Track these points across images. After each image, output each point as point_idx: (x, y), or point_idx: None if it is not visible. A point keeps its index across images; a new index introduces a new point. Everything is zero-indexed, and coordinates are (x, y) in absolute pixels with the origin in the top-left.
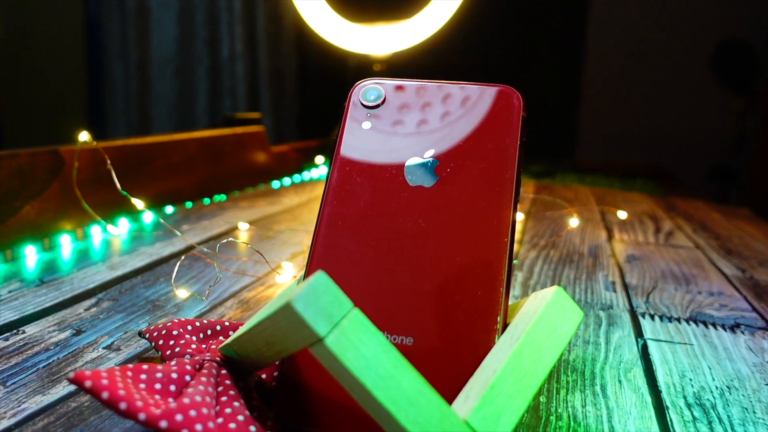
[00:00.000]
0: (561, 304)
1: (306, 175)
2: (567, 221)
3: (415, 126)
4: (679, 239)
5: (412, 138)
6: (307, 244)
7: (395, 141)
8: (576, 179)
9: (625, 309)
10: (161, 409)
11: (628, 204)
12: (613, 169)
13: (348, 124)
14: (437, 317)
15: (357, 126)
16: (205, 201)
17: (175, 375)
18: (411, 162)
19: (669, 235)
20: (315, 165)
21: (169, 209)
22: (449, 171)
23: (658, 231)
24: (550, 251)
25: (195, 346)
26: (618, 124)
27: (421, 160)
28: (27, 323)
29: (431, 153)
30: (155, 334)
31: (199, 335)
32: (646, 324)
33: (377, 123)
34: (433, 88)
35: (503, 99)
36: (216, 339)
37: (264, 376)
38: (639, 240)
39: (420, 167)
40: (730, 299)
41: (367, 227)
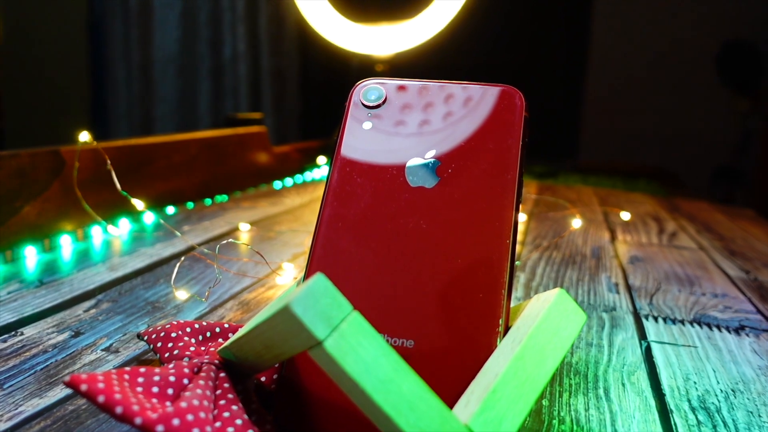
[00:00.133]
0: (564, 306)
1: (308, 176)
2: (570, 222)
3: (417, 126)
4: (683, 240)
5: (413, 138)
6: (308, 245)
7: (396, 141)
8: (579, 180)
9: (629, 311)
10: (158, 414)
11: (631, 205)
12: (616, 170)
13: (348, 124)
14: (438, 320)
15: (358, 126)
16: (207, 201)
17: (173, 378)
18: (412, 163)
19: (672, 236)
20: (317, 165)
21: (171, 210)
22: (450, 172)
23: (661, 232)
24: (552, 252)
25: (194, 348)
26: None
27: (423, 160)
28: (25, 325)
29: (432, 153)
30: (153, 336)
31: (198, 337)
32: (649, 326)
33: (378, 123)
34: (436, 88)
35: (505, 99)
36: (215, 341)
37: (263, 378)
38: (642, 241)
39: (421, 168)
40: (734, 301)
41: (368, 229)
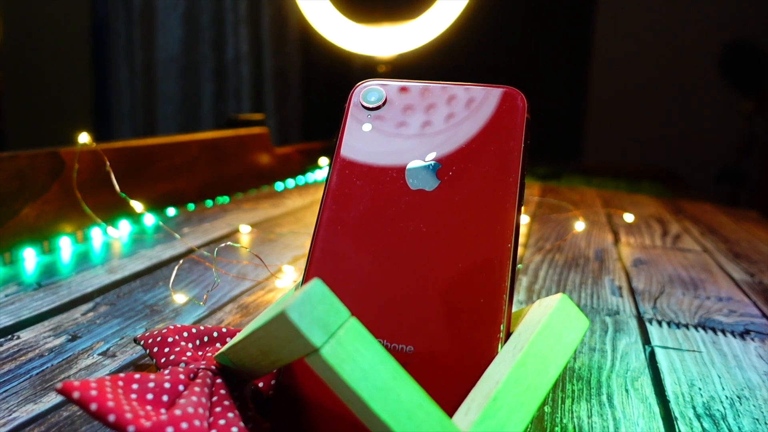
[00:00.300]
0: (566, 312)
1: (310, 177)
2: (573, 224)
3: (419, 127)
4: (687, 243)
5: (413, 140)
6: (308, 247)
7: (396, 143)
8: (582, 181)
9: (632, 315)
10: (151, 422)
11: (634, 206)
12: (620, 171)
13: (348, 125)
14: (438, 325)
15: (357, 128)
16: (208, 203)
17: (168, 385)
18: (412, 165)
19: (676, 239)
20: (319, 167)
21: (171, 211)
22: (451, 174)
23: (665, 234)
24: (555, 255)
25: (190, 353)
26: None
27: (423, 163)
28: (22, 328)
29: (433, 156)
30: (150, 341)
31: (195, 342)
32: (653, 330)
33: (380, 124)
34: (438, 89)
35: (507, 101)
36: (213, 346)
37: (261, 384)
38: (646, 243)
39: (421, 170)
40: (739, 305)
41: (367, 232)
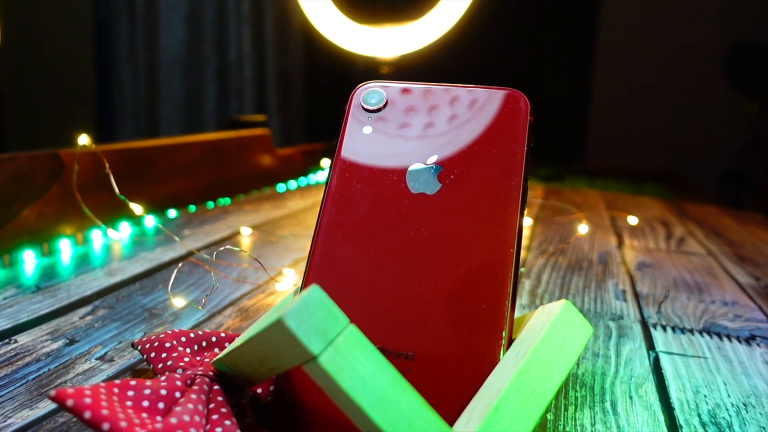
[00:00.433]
0: (569, 318)
1: (312, 178)
2: (576, 226)
3: (421, 129)
4: (691, 246)
5: (415, 142)
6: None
7: (397, 146)
8: (585, 183)
9: (636, 319)
10: (146, 430)
11: (638, 209)
12: (624, 173)
13: (348, 128)
14: (439, 331)
15: (358, 130)
16: (209, 205)
17: (164, 392)
18: (413, 168)
19: (681, 242)
20: (321, 168)
21: (173, 213)
22: (453, 178)
23: (669, 237)
24: (558, 258)
25: (188, 359)
26: (628, 126)
27: (424, 166)
28: (20, 332)
29: (434, 159)
30: (147, 346)
31: (193, 347)
32: (657, 335)
33: (381, 126)
34: (440, 90)
35: (510, 103)
36: (211, 351)
37: (259, 390)
38: (650, 246)
39: (422, 174)
40: (744, 309)
41: (367, 237)
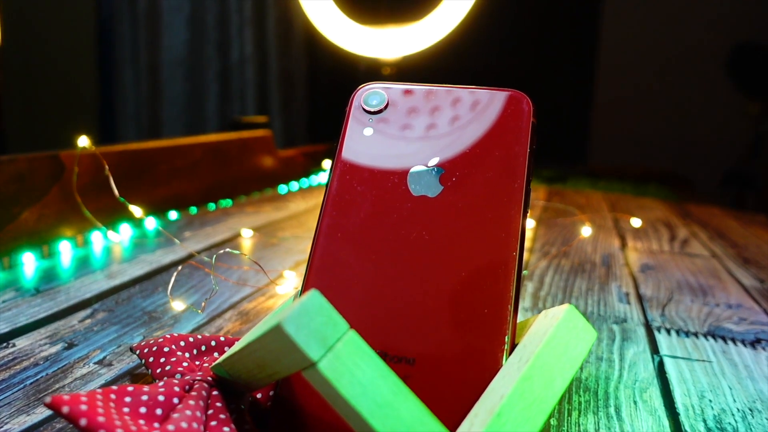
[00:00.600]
0: (573, 323)
1: (314, 180)
2: (579, 228)
3: (423, 130)
4: (695, 247)
5: (416, 144)
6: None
7: (398, 148)
8: (588, 184)
9: (640, 323)
10: None
11: (641, 210)
12: (626, 174)
13: (349, 130)
14: (441, 336)
15: (358, 132)
16: (211, 206)
17: (162, 397)
18: (414, 170)
19: (684, 243)
20: (323, 169)
21: (174, 215)
22: (455, 180)
23: (672, 239)
24: (561, 260)
25: (187, 363)
26: (631, 127)
27: (425, 168)
28: (18, 336)
29: (436, 161)
30: (146, 350)
31: (192, 351)
32: (661, 339)
33: (382, 127)
34: (442, 92)
35: (512, 104)
36: (210, 355)
37: (259, 396)
38: (653, 248)
39: (424, 176)
40: (749, 312)
41: (368, 240)
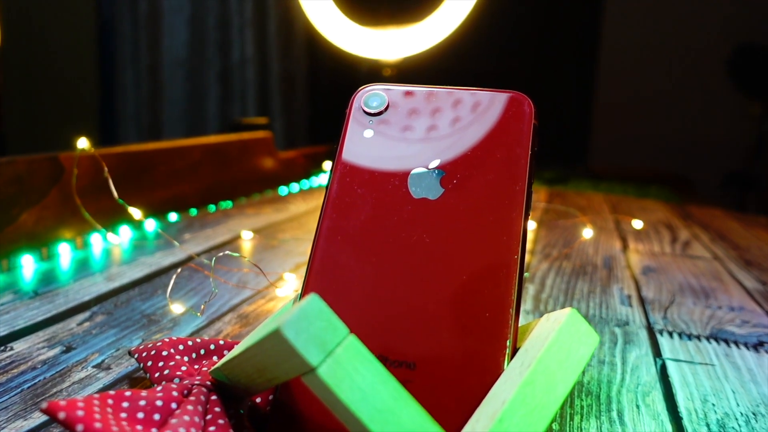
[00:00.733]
0: (575, 327)
1: (314, 181)
2: (580, 230)
3: (424, 131)
4: (697, 249)
5: (416, 146)
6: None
7: (399, 150)
8: (589, 186)
9: (642, 325)
10: None
11: (643, 212)
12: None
13: (349, 131)
14: (442, 340)
15: (359, 134)
16: (211, 208)
17: (160, 402)
18: (415, 173)
19: (686, 245)
20: (323, 170)
21: (174, 217)
22: (456, 182)
23: (674, 241)
24: (562, 263)
25: (185, 368)
26: (632, 129)
27: (426, 170)
28: (16, 339)
29: (437, 163)
30: (144, 354)
31: (191, 355)
32: (664, 342)
33: (383, 129)
34: (443, 93)
35: (514, 106)
36: (209, 359)
37: (258, 400)
38: (655, 250)
39: (425, 178)
40: (751, 315)
41: (368, 243)
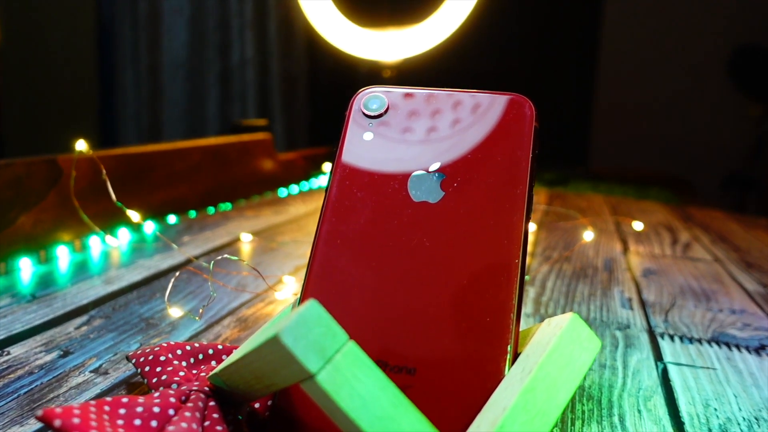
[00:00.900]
0: (577, 332)
1: (314, 183)
2: (581, 232)
3: (424, 133)
4: (697, 251)
5: (417, 149)
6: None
7: (399, 153)
8: (589, 187)
9: (643, 329)
10: None
11: (643, 214)
12: (628, 177)
13: (349, 134)
14: (442, 345)
15: (358, 137)
16: (210, 210)
17: (158, 409)
18: (415, 176)
19: (686, 247)
20: (323, 172)
21: (173, 219)
22: (456, 186)
23: (675, 242)
24: (563, 265)
25: (183, 373)
26: (632, 130)
27: (427, 173)
28: (13, 343)
29: (437, 166)
30: (142, 359)
31: (189, 360)
32: (665, 345)
33: (383, 131)
34: (443, 95)
35: (514, 108)
36: (208, 364)
37: (257, 405)
38: (655, 252)
39: (425, 182)
40: (753, 317)
41: (368, 247)
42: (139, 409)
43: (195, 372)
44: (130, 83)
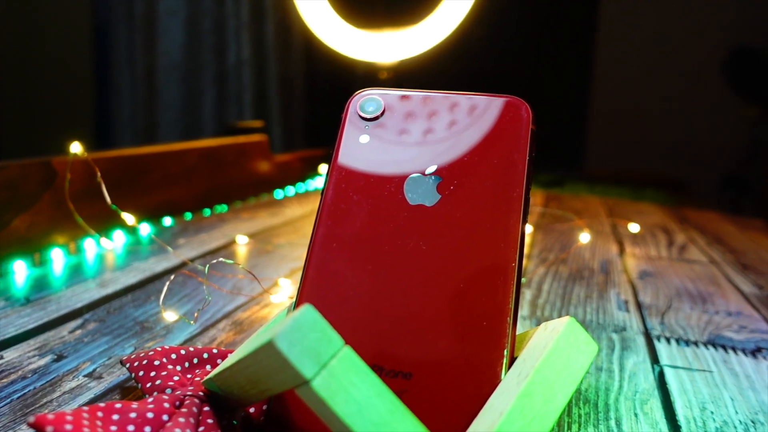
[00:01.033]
0: (573, 336)
1: (310, 184)
2: (577, 234)
3: (420, 135)
4: (693, 253)
5: (413, 151)
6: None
7: (396, 153)
8: (585, 189)
9: (639, 331)
10: None
11: (639, 215)
12: (624, 178)
13: (345, 137)
14: (438, 349)
15: (354, 139)
16: (206, 212)
17: (151, 414)
18: (411, 179)
19: (682, 249)
20: (319, 174)
21: (168, 221)
22: (452, 189)
23: (670, 244)
24: (559, 267)
25: (178, 377)
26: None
27: (423, 176)
28: (6, 347)
29: (433, 169)
30: (136, 364)
31: (184, 364)
32: (661, 348)
33: (379, 133)
34: (440, 97)
35: (511, 111)
36: (202, 368)
37: (252, 410)
38: (651, 254)
39: (421, 185)
40: (749, 320)
41: (364, 250)
42: (133, 415)
43: (189, 376)
44: (125, 85)
